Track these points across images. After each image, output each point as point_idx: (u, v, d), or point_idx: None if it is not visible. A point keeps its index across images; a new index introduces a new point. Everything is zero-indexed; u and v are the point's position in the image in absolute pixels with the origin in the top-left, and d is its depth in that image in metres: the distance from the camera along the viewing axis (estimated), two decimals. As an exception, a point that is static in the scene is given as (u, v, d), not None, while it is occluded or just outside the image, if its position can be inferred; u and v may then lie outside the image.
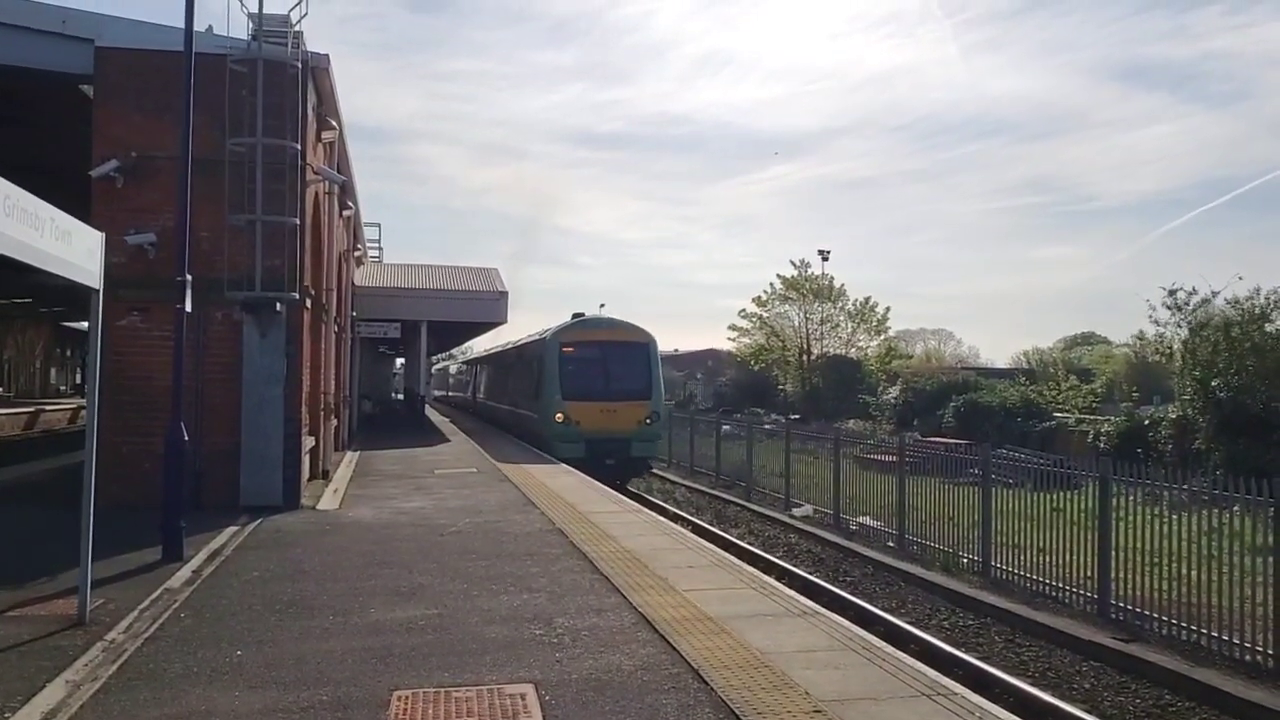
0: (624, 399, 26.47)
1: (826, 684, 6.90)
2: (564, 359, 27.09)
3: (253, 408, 15.25)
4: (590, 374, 26.94)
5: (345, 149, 22.17)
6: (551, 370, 27.02)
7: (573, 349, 27.33)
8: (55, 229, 7.36)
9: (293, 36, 15.67)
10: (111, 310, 13.17)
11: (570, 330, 28.43)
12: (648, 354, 27.69)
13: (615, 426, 25.88)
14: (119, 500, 13.86)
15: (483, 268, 41.15)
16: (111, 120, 14.95)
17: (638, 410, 26.59)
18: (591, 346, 27.49)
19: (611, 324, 29.15)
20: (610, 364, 27.15)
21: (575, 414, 26.19)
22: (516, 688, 6.84)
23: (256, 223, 15.19)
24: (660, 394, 27.69)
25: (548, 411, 26.74)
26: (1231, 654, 10.63)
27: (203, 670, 7.25)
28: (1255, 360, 29.39)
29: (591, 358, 27.23)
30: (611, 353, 27.37)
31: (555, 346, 27.41)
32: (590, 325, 29.09)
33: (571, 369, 26.93)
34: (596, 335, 27.98)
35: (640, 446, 26.64)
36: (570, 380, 26.77)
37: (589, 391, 26.55)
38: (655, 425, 27.32)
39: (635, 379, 27.22)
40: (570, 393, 26.54)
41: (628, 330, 28.44)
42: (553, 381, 26.90)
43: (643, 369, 27.40)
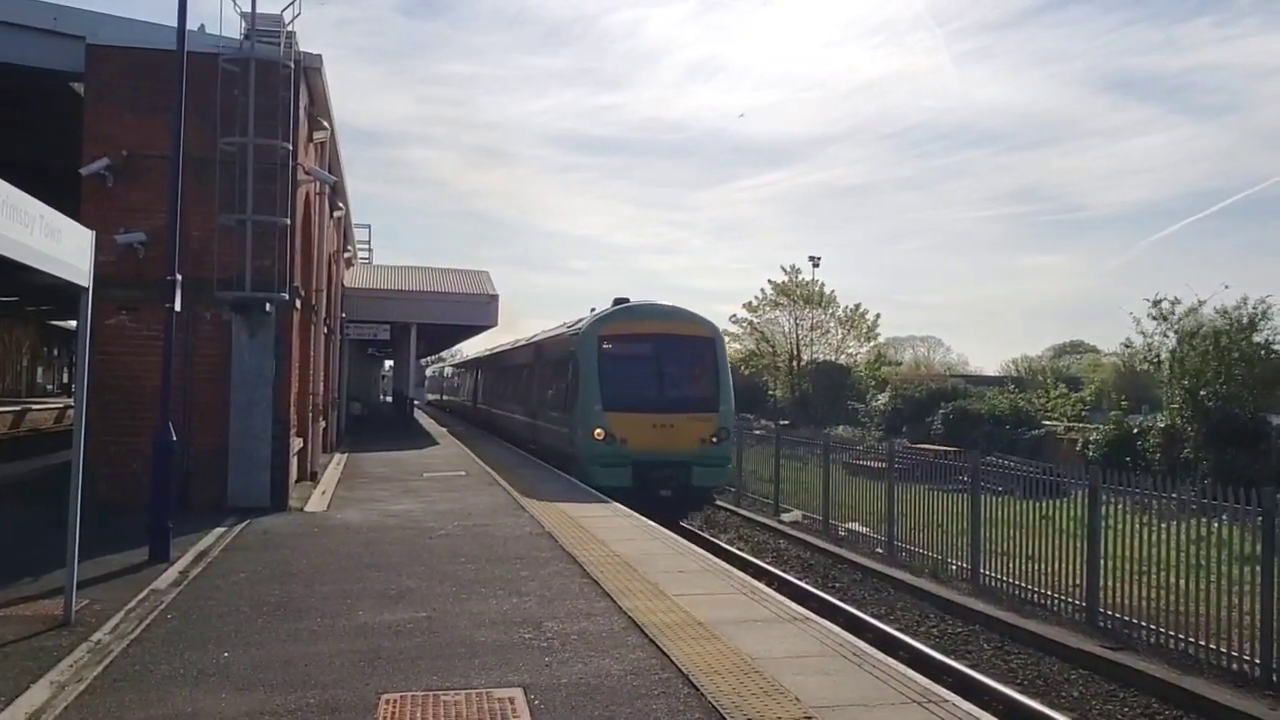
0: (683, 410, 21.07)
1: (817, 690, 6.88)
2: (605, 358, 21.42)
3: (241, 408, 15.18)
4: (640, 377, 21.47)
5: (337, 150, 22.12)
6: (588, 372, 21.31)
7: (616, 345, 21.66)
8: (45, 226, 7.30)
9: (285, 37, 15.61)
10: (100, 309, 13.10)
11: (613, 320, 22.29)
12: (713, 351, 22.19)
13: (672, 446, 20.54)
14: (106, 500, 13.77)
15: (473, 270, 41.17)
16: (102, 118, 14.89)
17: (701, 425, 21.06)
18: (641, 341, 21.81)
19: (667, 312, 22.93)
20: (665, 364, 21.78)
21: (620, 430, 20.55)
22: (505, 692, 6.81)
23: (247, 223, 15.13)
24: (730, 404, 22.06)
25: (583, 426, 21.13)
26: (1219, 663, 10.65)
27: (189, 672, 7.20)
28: (1243, 370, 29.53)
29: (641, 356, 21.71)
30: (667, 350, 21.82)
31: (593, 341, 21.64)
32: (639, 314, 22.70)
33: (615, 371, 21.33)
34: (647, 327, 22.06)
35: (704, 473, 21.12)
36: (613, 385, 21.06)
37: (638, 400, 20.95)
38: (723, 445, 21.54)
39: (698, 384, 21.98)
40: (614, 402, 20.84)
41: (687, 320, 22.68)
42: (590, 387, 21.17)
43: (707, 371, 21.99)
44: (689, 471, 20.79)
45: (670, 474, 20.52)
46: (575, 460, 21.66)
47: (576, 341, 22.49)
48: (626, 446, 20.51)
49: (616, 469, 20.28)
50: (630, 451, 20.45)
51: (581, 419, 21.28)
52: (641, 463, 20.34)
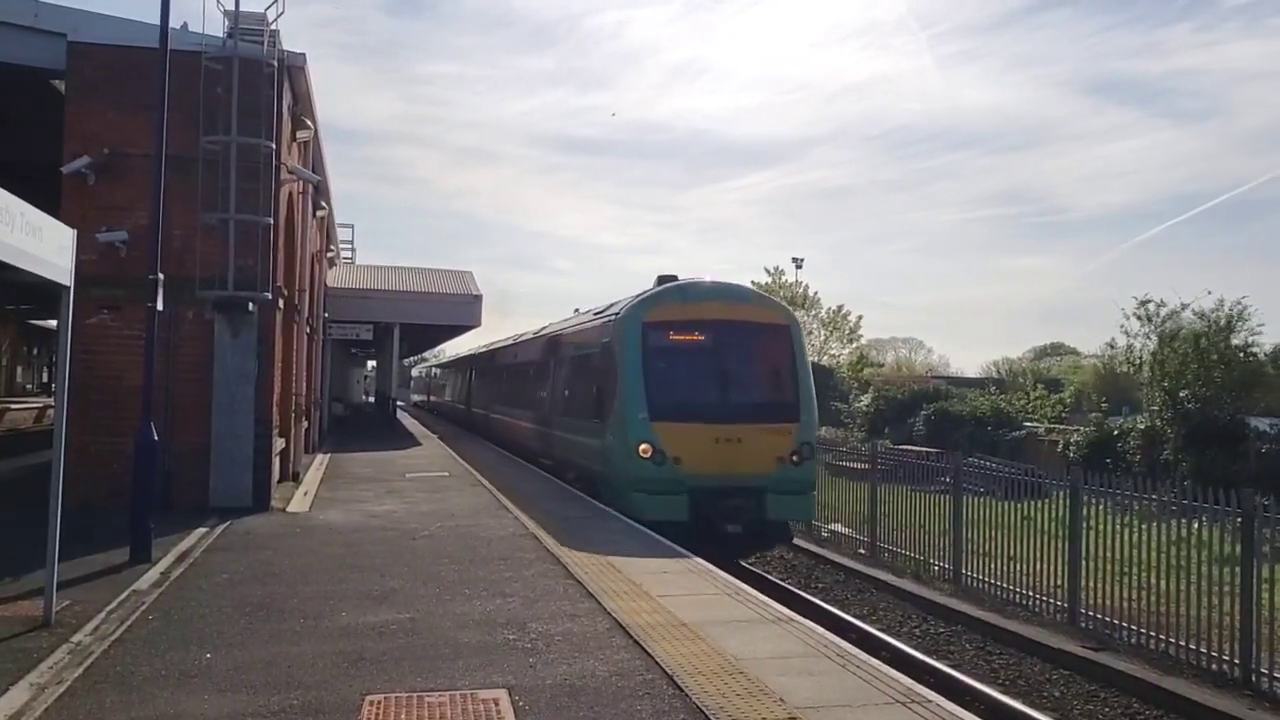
0: (754, 419, 16.18)
1: (801, 690, 6.90)
2: (651, 352, 16.54)
3: (223, 408, 15.10)
4: (697, 378, 16.70)
5: (320, 149, 22.05)
6: (630, 371, 16.43)
7: (666, 335, 16.84)
8: (25, 224, 7.25)
9: (269, 35, 15.55)
10: (81, 308, 13.00)
11: (661, 303, 17.16)
12: (790, 344, 17.13)
13: (740, 467, 15.67)
14: (86, 500, 13.68)
15: (457, 270, 41.09)
16: (84, 116, 14.79)
17: (777, 439, 16.04)
18: (698, 330, 16.99)
19: (730, 292, 17.72)
20: (730, 360, 16.89)
21: (672, 445, 15.67)
22: (490, 693, 6.79)
23: (230, 221, 15.06)
24: (814, 413, 17.09)
25: (621, 440, 16.24)
26: (1199, 663, 10.74)
27: (171, 673, 7.16)
28: (1223, 372, 29.79)
29: (698, 350, 16.91)
30: (731, 341, 16.91)
31: (635, 330, 16.71)
32: (694, 295, 17.39)
33: (664, 369, 16.55)
34: (705, 311, 16.97)
35: (781, 502, 16.04)
36: (663, 388, 16.27)
37: (695, 407, 16.10)
38: (807, 466, 16.36)
39: (772, 385, 17.23)
40: (664, 409, 15.94)
41: (756, 303, 18.02)
42: (632, 390, 16.25)
43: (784, 368, 17.03)
44: (761, 500, 15.73)
45: (737, 504, 15.50)
46: (610, 483, 16.87)
47: (612, 331, 17.36)
48: (680, 468, 15.54)
49: (667, 498, 15.44)
50: (686, 475, 15.50)
51: (620, 431, 16.24)
52: (701, 489, 15.44)
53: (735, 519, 15.56)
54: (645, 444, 15.73)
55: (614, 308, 18.69)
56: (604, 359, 17.61)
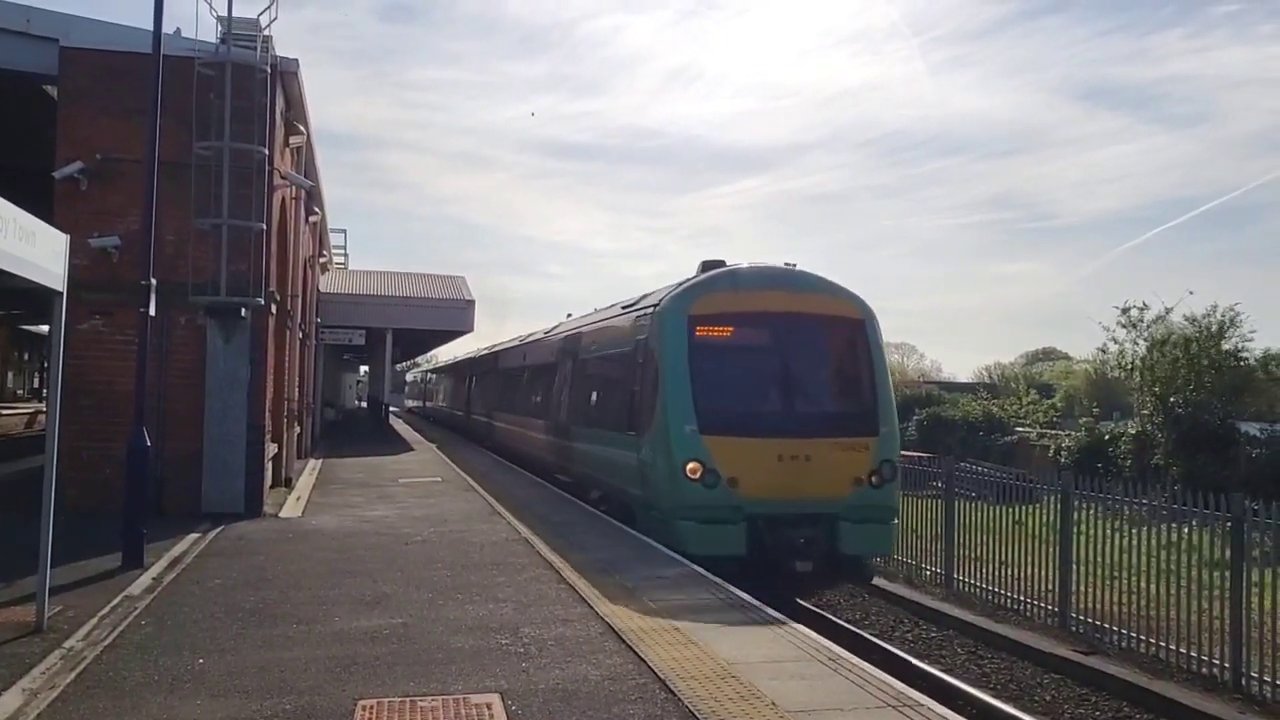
0: (825, 432, 13.55)
1: (793, 695, 6.92)
2: (700, 351, 13.77)
3: (216, 413, 15.10)
4: (755, 382, 14.21)
5: (313, 154, 22.04)
6: (674, 373, 13.66)
7: (717, 330, 14.09)
8: (18, 230, 7.24)
9: (262, 40, 15.56)
10: (74, 314, 12.98)
11: (711, 293, 14.30)
12: (866, 341, 14.35)
13: (809, 490, 13.13)
14: (78, 506, 13.65)
15: (450, 275, 41.08)
16: (76, 121, 14.78)
17: (853, 456, 13.45)
18: (756, 325, 14.32)
19: (792, 280, 14.70)
20: (794, 361, 14.16)
21: (727, 464, 13.08)
22: (483, 697, 6.80)
23: (222, 227, 15.06)
24: (895, 424, 14.36)
25: (664, 457, 13.49)
26: (1189, 667, 10.79)
27: (163, 679, 7.15)
28: (1213, 377, 29.91)
29: (756, 348, 14.43)
30: (796, 338, 14.18)
31: (680, 325, 13.92)
32: (750, 282, 14.57)
33: (716, 372, 13.77)
34: (764, 301, 14.24)
35: (858, 533, 13.40)
36: (715, 395, 13.55)
37: (755, 418, 13.66)
38: (888, 488, 13.72)
39: (846, 391, 14.61)
40: (716, 420, 13.30)
41: (825, 293, 14.56)
42: (677, 396, 13.52)
43: (859, 371, 14.38)
44: (834, 530, 13.15)
45: (806, 535, 12.97)
46: (649, 509, 14.15)
47: (650, 326, 14.56)
48: (737, 492, 12.96)
49: (721, 528, 12.89)
50: (743, 499, 12.95)
51: (662, 447, 13.52)
52: (762, 517, 12.95)
53: (804, 553, 12.90)
54: (694, 462, 13.01)
55: (648, 299, 15.73)
56: (639, 360, 14.76)
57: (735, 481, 13.02)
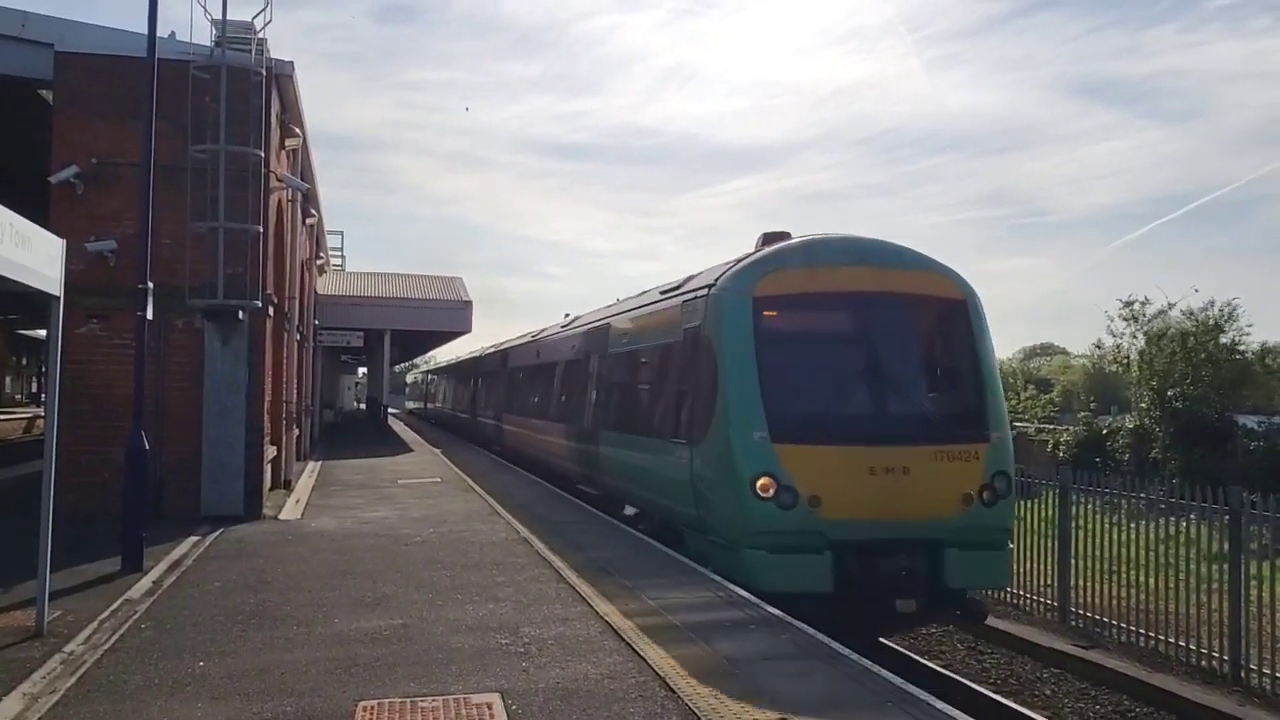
0: (927, 438, 11.22)
1: (794, 690, 6.93)
2: (769, 339, 11.49)
3: (214, 416, 15.10)
4: (839, 377, 11.91)
5: (309, 156, 22.03)
6: (736, 368, 11.39)
7: (790, 315, 11.79)
8: (15, 235, 7.25)
9: (257, 43, 15.56)
10: (71, 318, 12.98)
11: (780, 269, 11.91)
12: (969, 326, 11.95)
13: (908, 509, 10.86)
14: (77, 510, 13.63)
15: (447, 276, 41.07)
16: (72, 126, 14.78)
17: (960, 467, 11.13)
18: (838, 309, 12.00)
19: (881, 252, 12.19)
20: (886, 352, 11.76)
21: (807, 478, 10.78)
22: (483, 697, 6.82)
23: (219, 230, 15.05)
24: (1007, 427, 11.99)
25: (727, 472, 11.19)
26: (1188, 659, 10.81)
27: (164, 682, 7.16)
28: (1210, 371, 29.96)
29: (839, 338, 12.12)
30: (887, 324, 11.87)
31: (742, 308, 11.59)
32: (826, 256, 12.05)
33: (790, 366, 11.53)
34: (843, 279, 11.83)
35: (969, 562, 11.03)
36: (789, 394, 11.31)
37: (840, 421, 11.45)
38: (1003, 506, 11.30)
39: (950, 388, 12.19)
40: (792, 425, 11.04)
41: (919, 269, 12.13)
42: (741, 396, 11.23)
43: (963, 363, 12.01)
44: (938, 558, 10.82)
45: (905, 566, 10.72)
46: (706, 533, 11.81)
47: (704, 311, 12.17)
48: (820, 513, 10.64)
49: (801, 558, 10.57)
50: (828, 522, 10.62)
51: (723, 457, 11.18)
52: (851, 545, 10.63)
53: (905, 589, 10.61)
54: (765, 477, 10.65)
55: (697, 280, 13.32)
56: (690, 352, 12.46)
57: (817, 500, 10.61)
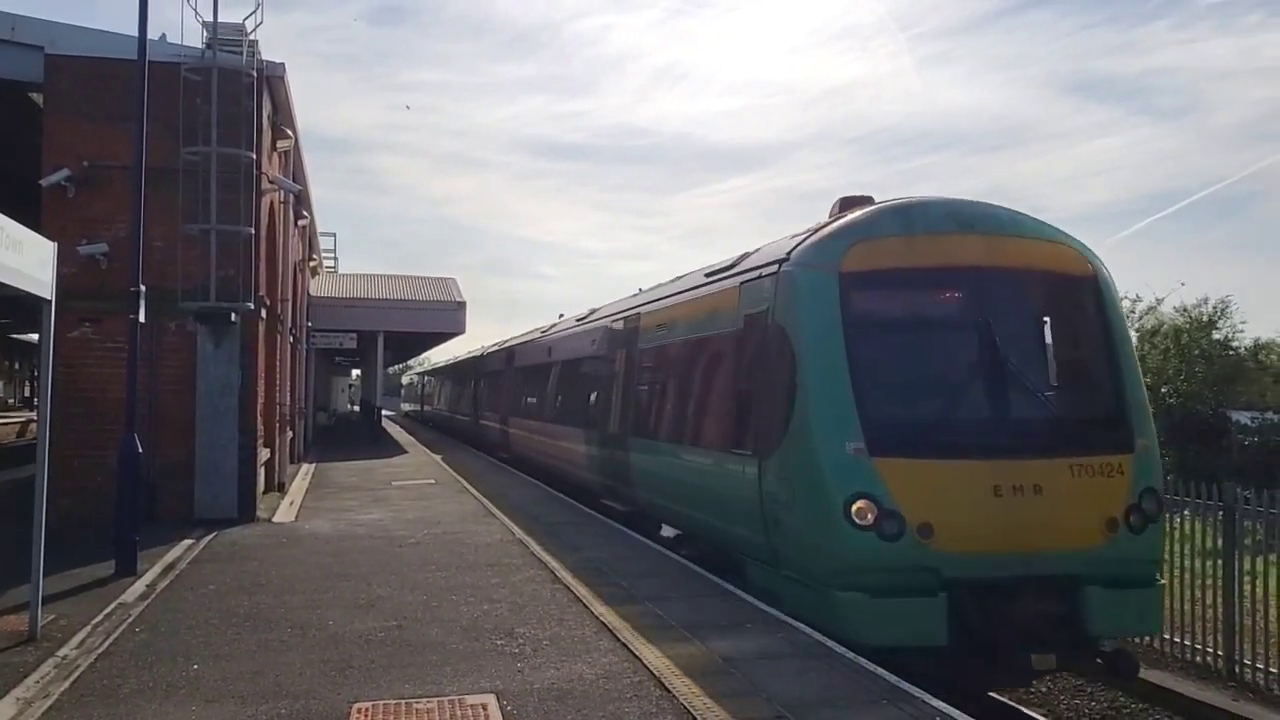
0: (1062, 448, 9.05)
1: (788, 689, 6.94)
2: (860, 326, 9.24)
3: (207, 419, 15.07)
4: (948, 372, 9.62)
5: (301, 158, 22.00)
6: (819, 361, 9.17)
7: (886, 295, 9.68)
8: (5, 238, 7.24)
9: (248, 45, 15.54)
10: (63, 322, 12.95)
11: (872, 238, 9.59)
12: (1103, 308, 9.87)
13: (1040, 537, 8.68)
14: (70, 514, 13.62)
15: (440, 278, 41.04)
16: (62, 129, 14.73)
17: (1102, 484, 8.96)
18: (944, 286, 9.90)
19: (993, 219, 9.90)
20: (1004, 339, 9.32)
21: (914, 500, 8.59)
22: (478, 698, 6.81)
23: (211, 232, 15.02)
24: (1153, 431, 9.65)
25: (811, 491, 9.01)
26: (1183, 655, 10.82)
27: (158, 685, 7.15)
28: (1204, 367, 30.02)
29: (946, 322, 10.03)
30: (1004, 305, 9.63)
31: (825, 287, 9.38)
32: (930, 222, 9.67)
33: (885, 357, 9.43)
34: (955, 251, 9.58)
35: (1115, 603, 8.79)
36: (886, 392, 9.18)
37: (955, 428, 9.17)
38: (1152, 533, 9.12)
39: (1083, 385, 10.02)
40: (891, 432, 8.87)
41: (1039, 237, 9.96)
42: (827, 396, 9.06)
43: (1097, 354, 9.83)
44: (1077, 601, 8.73)
45: (1039, 610, 8.66)
46: (782, 568, 9.64)
47: (774, 291, 9.94)
48: (933, 545, 8.56)
49: (909, 603, 8.50)
50: (943, 556, 8.57)
51: (806, 474, 9.08)
52: (973, 584, 8.57)
53: (1041, 639, 8.51)
54: (862, 500, 8.51)
55: (759, 255, 10.95)
56: (754, 343, 10.27)
57: (928, 529, 8.47)
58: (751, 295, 10.60)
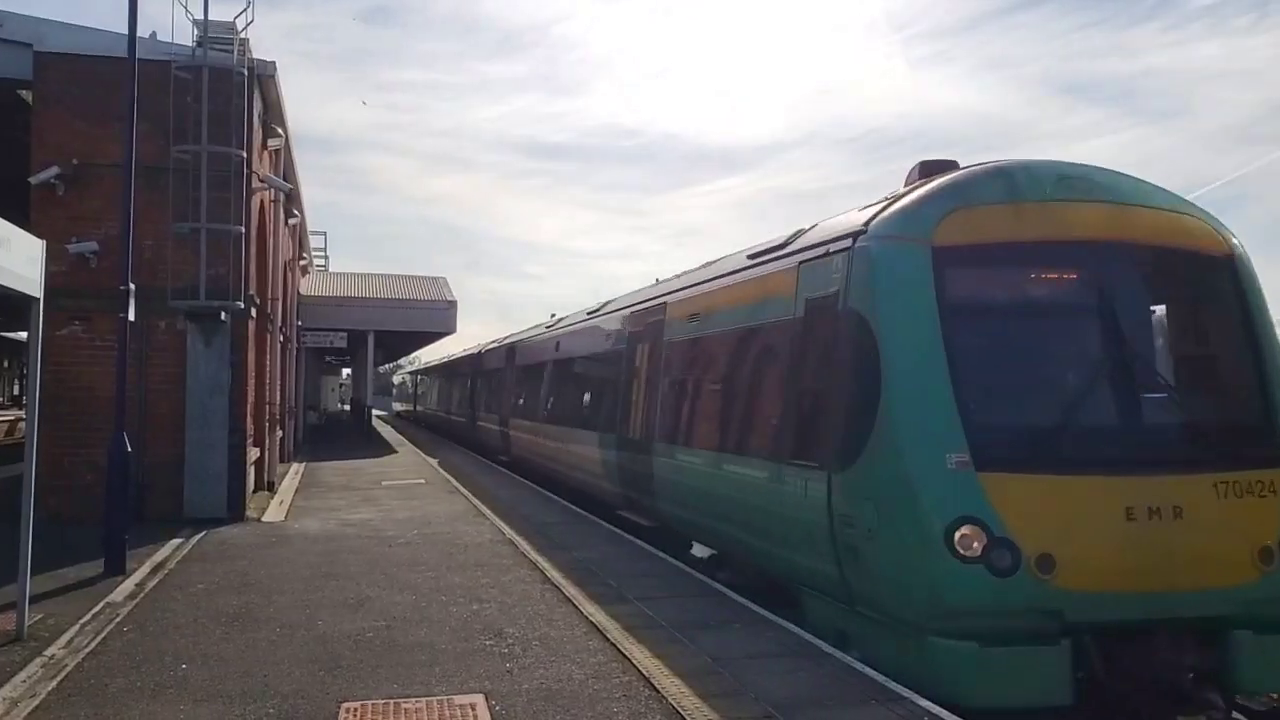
0: (1206, 462, 7.51)
1: (777, 689, 6.95)
2: (959, 311, 7.69)
3: (197, 418, 15.04)
4: (1065, 367, 8.06)
5: (291, 157, 21.96)
6: (911, 353, 7.63)
7: (990, 272, 8.10)
8: (-6, 236, 7.22)
9: (239, 44, 15.51)
10: (52, 320, 12.93)
11: (970, 204, 7.97)
12: (1241, 292, 8.25)
13: (1181, 572, 7.11)
14: (59, 513, 13.58)
15: (431, 277, 40.95)
16: (52, 126, 14.70)
17: (1253, 506, 7.37)
18: (1059, 264, 8.19)
19: (1114, 185, 8.34)
20: (1128, 328, 7.86)
21: (1030, 525, 7.04)
22: (467, 698, 6.81)
23: (201, 231, 14.99)
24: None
25: (901, 515, 7.39)
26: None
27: (146, 685, 7.13)
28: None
29: (1060, 306, 8.26)
30: (1130, 287, 8.23)
31: (916, 261, 7.79)
32: (1036, 186, 8.00)
33: (989, 346, 7.92)
34: (1069, 222, 7.96)
35: (1266, 652, 7.25)
36: (993, 394, 7.69)
37: (1078, 437, 7.51)
38: None
39: (1223, 384, 8.40)
40: (1000, 441, 7.34)
41: (1165, 209, 8.42)
42: (921, 396, 7.49)
43: (1239, 347, 8.17)
44: (1226, 646, 7.31)
45: (1188, 659, 7.25)
46: (860, 603, 8.16)
47: (848, 271, 8.45)
48: (1053, 581, 7.04)
49: (1026, 652, 7.05)
50: (1064, 595, 7.06)
51: (894, 490, 7.55)
52: (1102, 629, 7.17)
53: (1182, 695, 7.23)
54: (969, 525, 7.06)
55: (822, 230, 9.42)
56: (821, 333, 8.69)
57: (1049, 561, 6.99)
58: (815, 277, 9.00)
